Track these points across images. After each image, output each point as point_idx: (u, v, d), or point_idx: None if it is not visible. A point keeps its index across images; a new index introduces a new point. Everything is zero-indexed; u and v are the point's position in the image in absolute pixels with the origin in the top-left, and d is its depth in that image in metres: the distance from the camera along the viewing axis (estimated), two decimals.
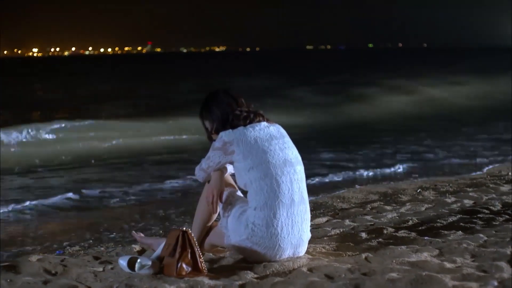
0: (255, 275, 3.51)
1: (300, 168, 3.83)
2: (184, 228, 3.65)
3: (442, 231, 4.33)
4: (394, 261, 3.53)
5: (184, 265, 3.54)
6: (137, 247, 4.46)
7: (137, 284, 3.45)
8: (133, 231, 4.90)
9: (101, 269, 3.83)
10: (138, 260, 3.69)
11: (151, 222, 6.01)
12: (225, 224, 3.86)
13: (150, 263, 3.68)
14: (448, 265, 3.37)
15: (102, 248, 4.83)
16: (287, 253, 3.75)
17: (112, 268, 3.85)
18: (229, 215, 3.84)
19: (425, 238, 4.13)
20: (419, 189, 6.55)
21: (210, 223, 4.09)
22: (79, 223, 6.16)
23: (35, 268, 3.83)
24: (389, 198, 6.17)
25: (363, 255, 3.78)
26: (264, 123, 3.87)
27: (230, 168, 3.96)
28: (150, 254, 4.17)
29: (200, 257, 3.59)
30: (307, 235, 3.84)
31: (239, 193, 3.99)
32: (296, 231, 3.73)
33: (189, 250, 3.56)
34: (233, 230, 3.79)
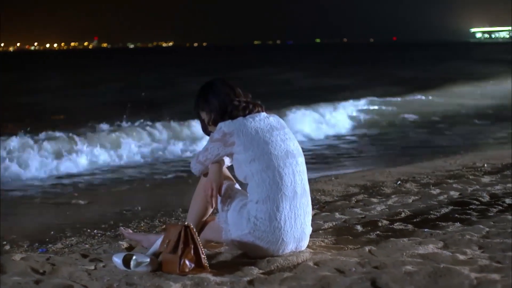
0: (261, 271, 3.39)
1: (301, 160, 3.72)
2: (186, 223, 3.51)
3: (439, 223, 4.28)
4: (404, 253, 3.46)
5: (187, 262, 3.40)
6: (124, 244, 4.29)
7: (138, 282, 3.30)
8: (121, 227, 4.74)
9: (92, 267, 3.67)
10: (134, 257, 3.54)
11: (132, 216, 5.81)
12: (225, 219, 3.72)
13: (148, 260, 3.53)
14: (460, 257, 3.31)
15: (87, 246, 4.64)
16: (290, 247, 3.64)
17: (104, 266, 3.69)
18: (229, 209, 3.71)
19: (425, 230, 4.07)
20: (399, 181, 6.52)
21: (205, 218, 3.95)
22: (56, 219, 5.92)
23: (22, 267, 3.65)
24: (371, 190, 6.12)
25: (366, 248, 3.70)
26: (263, 114, 3.76)
27: (227, 161, 3.83)
28: (140, 251, 4.02)
29: (202, 253, 3.45)
30: (309, 229, 3.74)
31: (237, 186, 3.87)
32: (298, 224, 3.63)
33: (192, 246, 3.42)
34: (234, 224, 3.66)
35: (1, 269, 3.62)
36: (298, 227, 3.62)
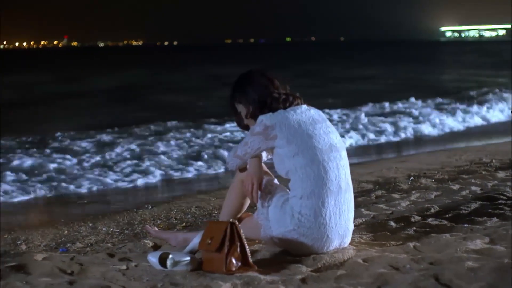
0: (309, 269, 3.27)
1: (344, 154, 3.60)
2: (231, 220, 3.37)
3: (475, 218, 4.19)
4: (458, 249, 3.35)
5: (233, 260, 3.25)
6: (150, 243, 4.13)
7: (182, 282, 3.16)
8: (147, 225, 4.59)
9: (124, 267, 3.50)
10: (170, 256, 3.39)
11: (145, 214, 5.63)
12: (266, 215, 3.58)
13: (186, 258, 3.38)
14: None
15: (109, 245, 4.47)
16: (334, 244, 3.52)
17: (136, 266, 3.52)
18: (270, 205, 3.57)
19: (464, 225, 3.98)
20: (411, 177, 6.43)
21: (240, 214, 3.82)
22: (66, 218, 5.72)
23: (47, 268, 3.47)
24: (387, 186, 6.02)
25: (410, 244, 3.59)
26: (304, 106, 3.63)
27: (263, 155, 3.70)
28: (168, 249, 3.88)
29: (248, 251, 3.31)
30: (352, 225, 3.62)
31: (276, 181, 3.73)
32: (343, 220, 3.51)
33: (238, 244, 3.28)
34: (276, 221, 3.52)
35: (25, 270, 3.43)
36: (342, 223, 3.50)
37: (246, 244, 3.31)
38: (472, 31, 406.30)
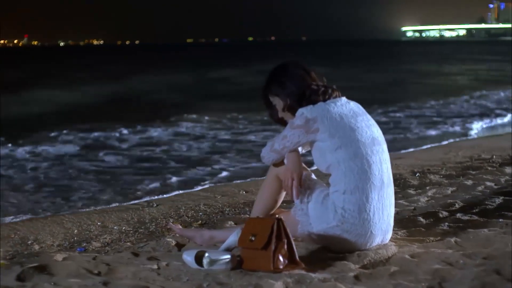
0: (357, 265, 3.16)
1: (385, 147, 3.51)
2: (277, 216, 3.24)
3: (505, 213, 4.14)
4: (509, 244, 3.28)
5: (280, 258, 3.12)
6: (173, 241, 3.98)
7: (227, 281, 3.03)
8: (170, 222, 4.43)
9: (155, 266, 3.35)
10: (206, 255, 3.25)
11: (152, 213, 5.45)
12: (306, 211, 3.46)
13: (226, 257, 3.24)
14: None
15: (128, 243, 4.29)
16: (377, 240, 3.42)
17: (167, 265, 3.37)
18: (310, 201, 3.46)
19: (499, 220, 3.92)
20: (417, 174, 6.37)
21: (273, 211, 3.69)
22: (71, 217, 5.50)
23: (72, 268, 3.31)
24: (397, 182, 5.90)
25: (451, 240, 3.52)
26: (344, 99, 3.52)
27: (299, 150, 3.58)
28: (192, 247, 3.75)
29: (295, 248, 3.18)
30: (393, 221, 3.53)
31: (314, 176, 3.62)
32: (385, 216, 3.41)
33: (285, 241, 3.15)
34: (317, 217, 3.41)
35: (48, 271, 3.26)
36: (385, 218, 3.41)
37: (293, 241, 3.18)
38: (433, 31, 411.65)
